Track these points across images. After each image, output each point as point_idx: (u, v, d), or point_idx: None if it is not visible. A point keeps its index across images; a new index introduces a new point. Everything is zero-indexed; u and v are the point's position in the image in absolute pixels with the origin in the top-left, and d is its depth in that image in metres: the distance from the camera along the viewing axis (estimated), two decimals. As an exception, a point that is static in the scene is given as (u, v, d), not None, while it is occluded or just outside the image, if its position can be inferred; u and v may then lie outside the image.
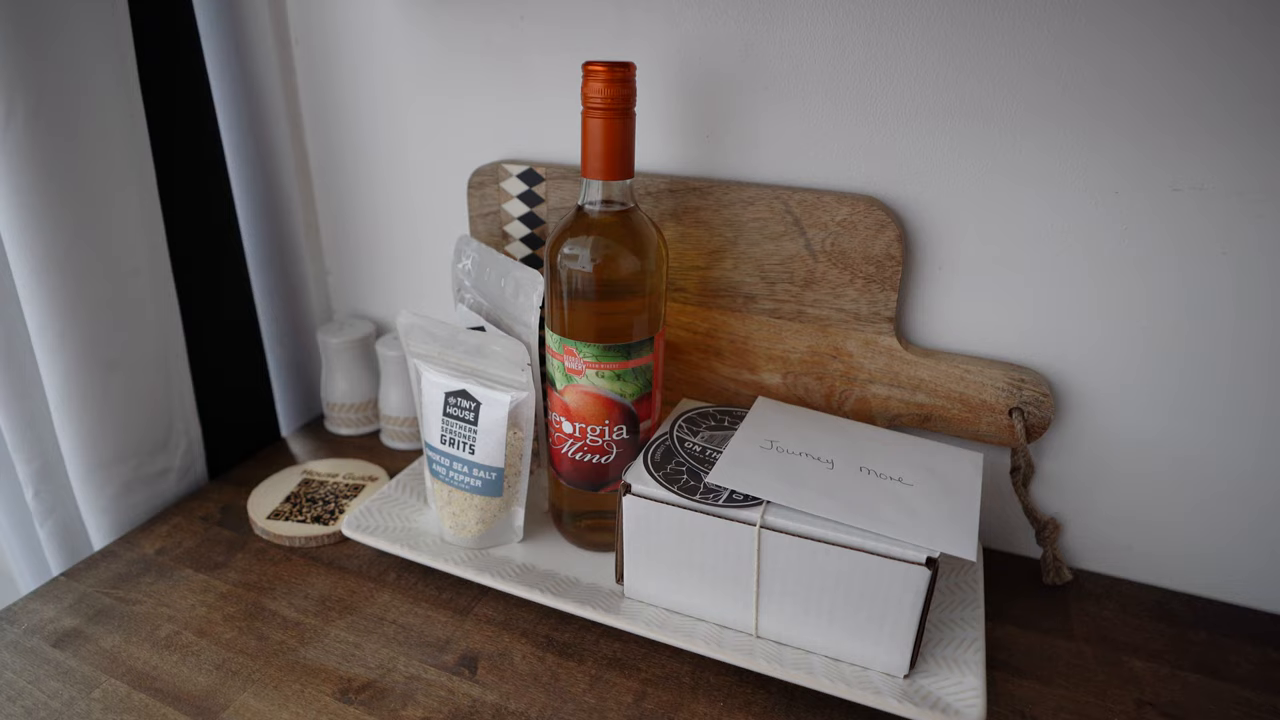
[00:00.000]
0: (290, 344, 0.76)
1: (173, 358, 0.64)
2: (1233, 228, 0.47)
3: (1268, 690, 0.49)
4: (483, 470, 0.55)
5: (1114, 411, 0.53)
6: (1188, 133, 0.46)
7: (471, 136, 0.65)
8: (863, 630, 0.46)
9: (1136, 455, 0.54)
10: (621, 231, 0.49)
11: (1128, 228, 0.49)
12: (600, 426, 0.52)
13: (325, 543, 0.60)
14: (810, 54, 0.52)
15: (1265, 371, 0.49)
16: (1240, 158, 0.45)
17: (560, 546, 0.58)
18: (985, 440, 0.55)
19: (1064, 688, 0.49)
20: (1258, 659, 0.51)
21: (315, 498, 0.64)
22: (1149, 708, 0.47)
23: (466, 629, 0.52)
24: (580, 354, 0.50)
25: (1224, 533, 0.54)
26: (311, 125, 0.71)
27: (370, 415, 0.76)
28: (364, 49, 0.66)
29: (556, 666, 0.49)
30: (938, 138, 0.51)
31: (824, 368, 0.58)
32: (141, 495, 0.63)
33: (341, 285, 0.77)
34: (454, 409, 0.55)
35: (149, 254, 0.60)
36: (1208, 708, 0.47)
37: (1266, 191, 0.46)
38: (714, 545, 0.48)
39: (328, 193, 0.73)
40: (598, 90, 0.46)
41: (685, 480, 0.49)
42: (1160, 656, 0.51)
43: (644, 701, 0.47)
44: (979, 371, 0.54)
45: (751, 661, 0.47)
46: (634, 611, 0.51)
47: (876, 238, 0.53)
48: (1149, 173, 0.48)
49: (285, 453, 0.72)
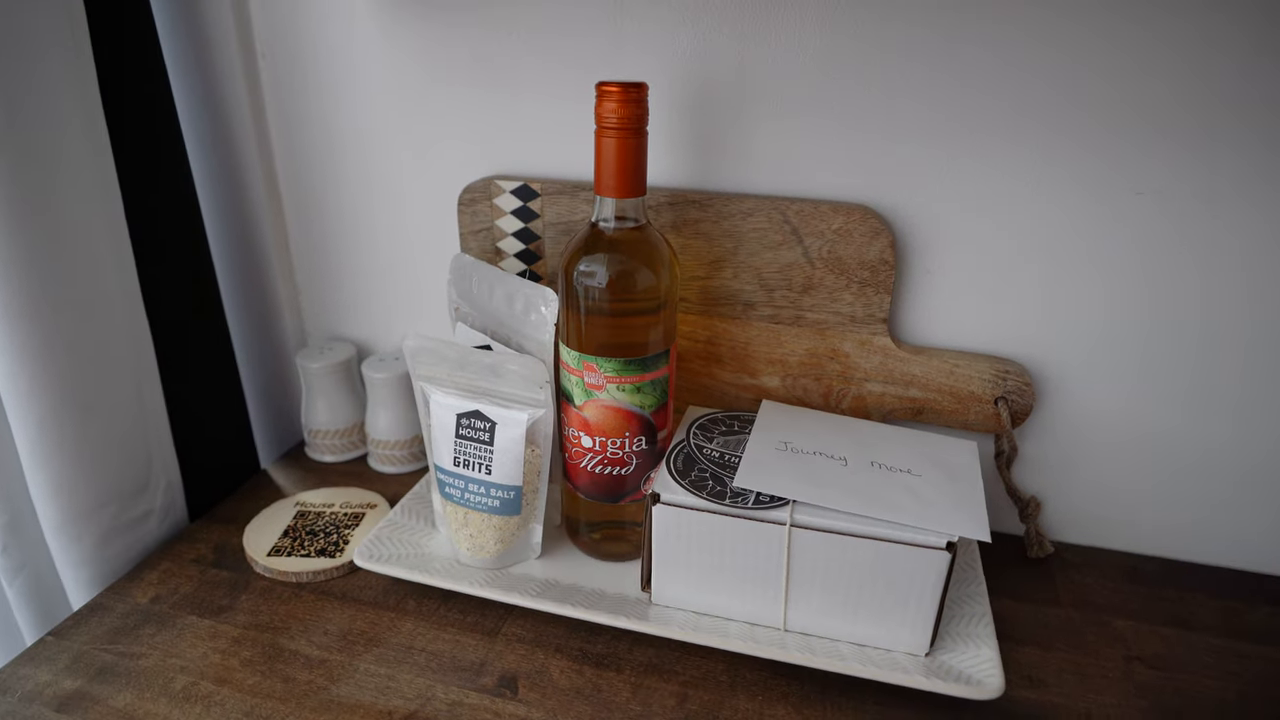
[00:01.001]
0: (265, 371, 0.73)
1: (148, 394, 0.60)
2: (1190, 227, 0.52)
3: (1231, 636, 0.55)
4: (500, 490, 0.55)
5: (1086, 396, 0.58)
6: (1146, 141, 0.51)
7: (458, 153, 0.64)
8: (887, 615, 0.49)
9: (1107, 434, 0.59)
10: (638, 248, 0.50)
11: (1095, 229, 0.54)
12: (620, 439, 0.53)
13: (334, 575, 0.58)
14: (802, 69, 0.55)
15: (1220, 357, 0.55)
16: (1198, 162, 0.51)
17: (576, 559, 0.59)
18: (973, 429, 0.60)
19: (1061, 651, 0.53)
20: (1220, 610, 0.57)
21: (315, 530, 0.62)
22: (1136, 662, 0.52)
23: (499, 650, 0.52)
24: (600, 369, 0.51)
25: (1185, 501, 0.60)
26: (280, 143, 0.68)
27: (355, 440, 0.74)
28: (338, 63, 0.64)
29: (596, 678, 0.50)
30: (924, 150, 0.55)
31: (822, 369, 0.60)
32: (122, 543, 0.59)
33: (316, 308, 0.75)
34: (467, 430, 0.55)
35: (120, 287, 0.57)
36: (1184, 656, 0.53)
37: (1221, 193, 0.51)
38: (744, 546, 0.50)
39: (299, 212, 0.71)
40: (612, 110, 0.47)
41: (711, 486, 0.51)
42: (1138, 615, 0.56)
43: (687, 703, 0.48)
44: (967, 365, 0.58)
45: (786, 654, 0.49)
46: (666, 617, 0.52)
47: (871, 244, 0.56)
48: (1113, 180, 0.52)
49: (268, 485, 0.70)
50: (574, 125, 0.60)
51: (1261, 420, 0.56)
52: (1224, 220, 0.52)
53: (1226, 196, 0.51)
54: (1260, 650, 0.54)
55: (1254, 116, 0.49)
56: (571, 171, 0.61)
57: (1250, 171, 0.50)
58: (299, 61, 0.65)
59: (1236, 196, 0.51)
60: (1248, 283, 0.53)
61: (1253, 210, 0.51)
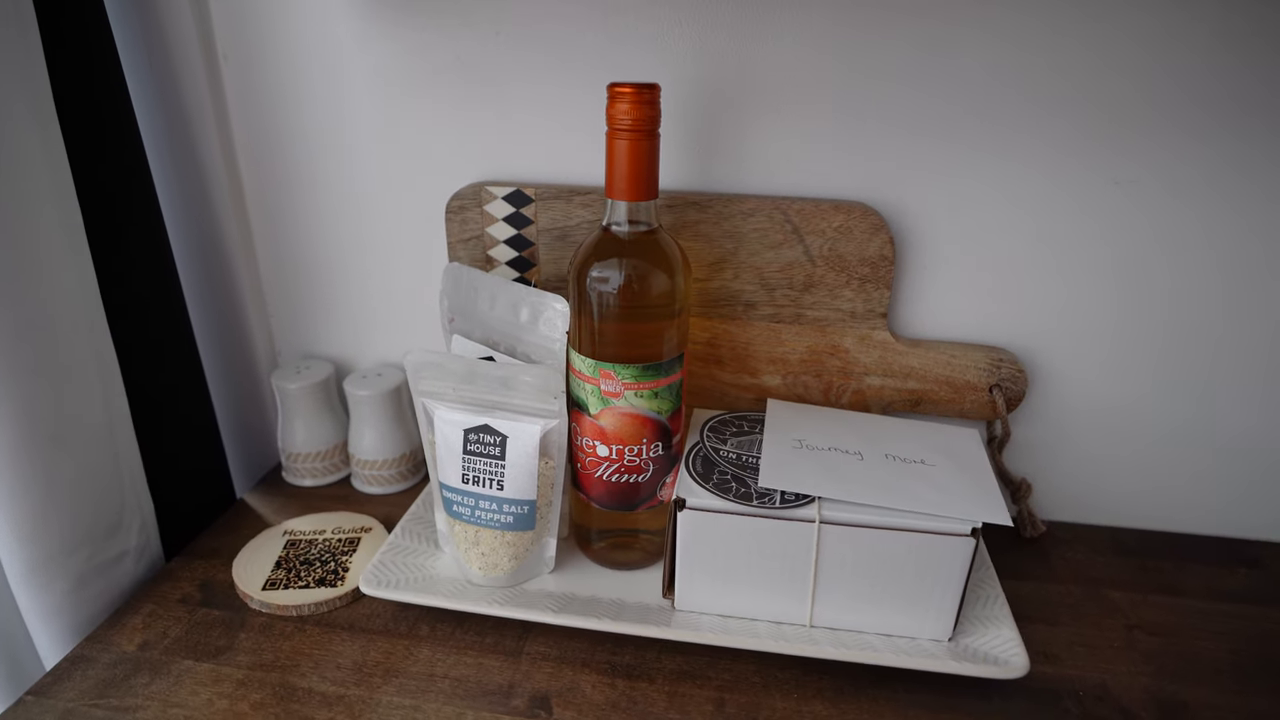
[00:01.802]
0: (236, 394, 0.69)
1: (118, 424, 0.56)
2: (1163, 215, 0.56)
3: (1215, 599, 0.58)
4: (514, 505, 0.53)
5: (1071, 380, 0.61)
6: (1123, 135, 0.54)
7: (441, 159, 0.62)
8: (912, 604, 0.50)
9: (1090, 415, 0.62)
10: (652, 252, 0.50)
11: (1077, 220, 0.56)
12: (638, 446, 0.53)
13: (337, 605, 0.55)
14: (798, 69, 0.55)
15: (1192, 338, 0.59)
16: (1171, 155, 0.54)
17: (588, 569, 0.58)
18: (968, 416, 0.62)
19: (1068, 626, 0.55)
20: (1203, 574, 0.61)
21: (309, 559, 0.59)
22: (1136, 630, 0.55)
23: (525, 670, 0.50)
24: (619, 376, 0.50)
25: (1162, 473, 0.63)
26: (246, 151, 0.65)
27: (337, 462, 0.70)
28: (308, 66, 0.61)
29: (629, 690, 0.49)
30: (918, 147, 0.56)
31: (822, 365, 0.61)
32: (97, 588, 0.55)
33: (287, 325, 0.71)
34: (476, 446, 0.53)
35: (84, 309, 0.53)
36: (1177, 622, 0.56)
37: (1193, 184, 0.54)
38: (773, 546, 0.50)
39: (267, 226, 0.67)
40: (625, 112, 0.46)
41: (735, 488, 0.50)
42: (1130, 585, 0.59)
43: (725, 708, 0.48)
44: (963, 355, 0.60)
45: (820, 650, 0.50)
46: (693, 622, 0.52)
47: (871, 241, 0.57)
48: (1091, 172, 0.55)
49: (247, 515, 0.66)
50: (566, 128, 0.59)
51: (1228, 397, 0.60)
52: (1193, 208, 0.55)
53: (1194, 185, 0.54)
54: (1242, 610, 0.57)
55: (1217, 108, 0.52)
56: (565, 175, 0.60)
57: (1216, 161, 0.54)
58: (265, 64, 0.61)
59: (1204, 186, 0.54)
60: (1217, 265, 0.56)
61: (1219, 199, 0.55)
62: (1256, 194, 0.54)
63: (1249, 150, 0.53)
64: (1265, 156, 0.53)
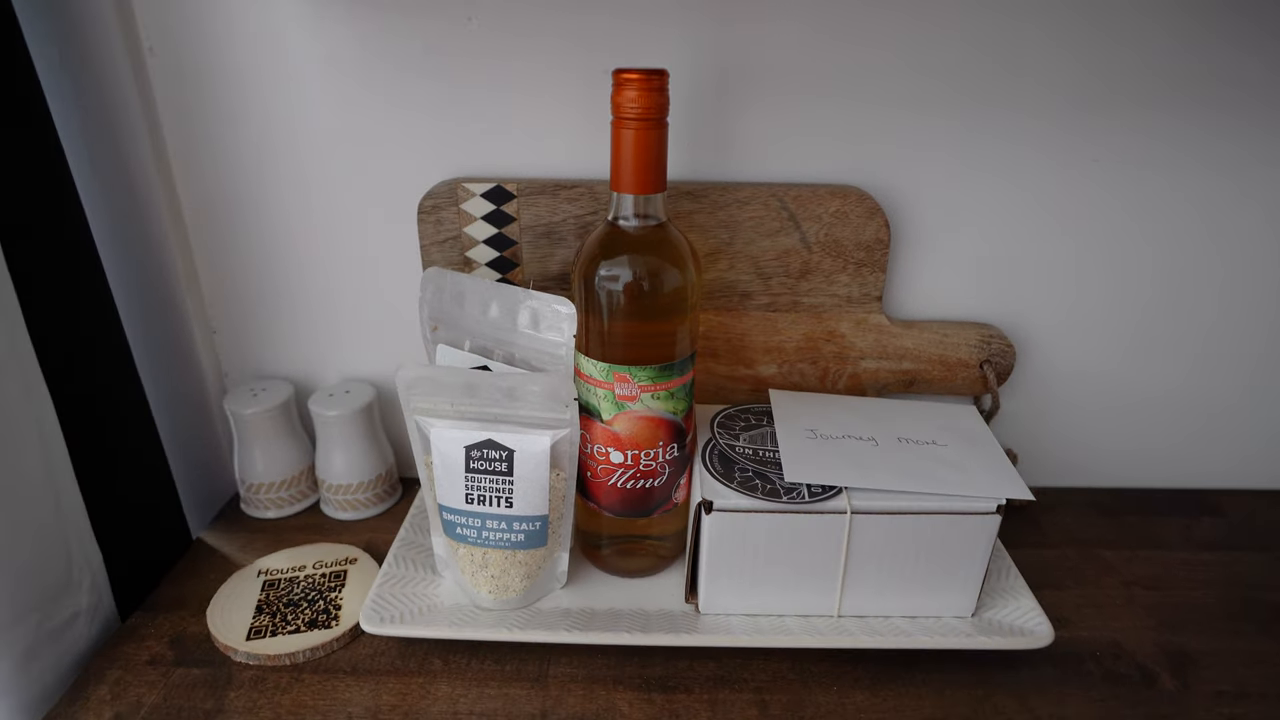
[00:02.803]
0: (184, 425, 0.62)
1: (58, 469, 0.49)
2: (1138, 191, 0.58)
3: (1192, 548, 0.62)
4: (525, 522, 0.50)
5: (1053, 351, 0.63)
6: (1103, 114, 0.55)
7: (407, 157, 0.57)
8: (937, 584, 0.51)
9: (1068, 384, 0.64)
10: (663, 247, 0.47)
11: (1061, 197, 0.58)
12: (654, 449, 0.50)
13: (335, 648, 0.51)
14: (789, 54, 0.54)
15: (1165, 309, 0.62)
16: (1148, 133, 0.56)
17: (599, 580, 0.55)
18: (959, 393, 0.63)
19: (1072, 588, 0.57)
20: (1176, 526, 0.64)
21: (294, 599, 0.53)
22: (1134, 586, 0.58)
23: (555, 695, 0.48)
24: (634, 379, 0.48)
25: (1132, 433, 0.66)
26: (180, 155, 0.58)
27: (304, 489, 0.65)
28: (250, 57, 0.55)
29: (668, 704, 0.47)
30: (907, 131, 0.56)
31: (818, 351, 0.61)
32: (50, 657, 0.48)
33: (235, 345, 0.64)
34: (480, 463, 0.49)
35: (9, 344, 0.46)
36: (1165, 573, 0.59)
37: (1162, 159, 0.57)
38: (803, 540, 0.49)
39: (207, 236, 0.60)
40: (633, 99, 0.44)
41: (760, 485, 0.49)
42: (1117, 544, 0.62)
43: (768, 710, 0.47)
44: (955, 333, 0.60)
45: (855, 640, 0.49)
46: (724, 625, 0.50)
47: (867, 225, 0.56)
48: (1072, 150, 0.56)
49: (209, 556, 0.59)
50: (547, 118, 0.56)
51: (1190, 359, 0.64)
52: (1164, 184, 0.57)
53: (1164, 161, 0.57)
54: (1216, 557, 0.61)
55: (1188, 83, 0.55)
56: (547, 169, 0.57)
57: (1187, 137, 0.56)
58: (198, 57, 0.55)
59: (1172, 161, 0.57)
60: (1186, 237, 0.59)
61: (1188, 174, 0.57)
62: (1222, 168, 0.57)
63: (1215, 126, 0.56)
64: (1229, 132, 0.56)
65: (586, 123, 0.56)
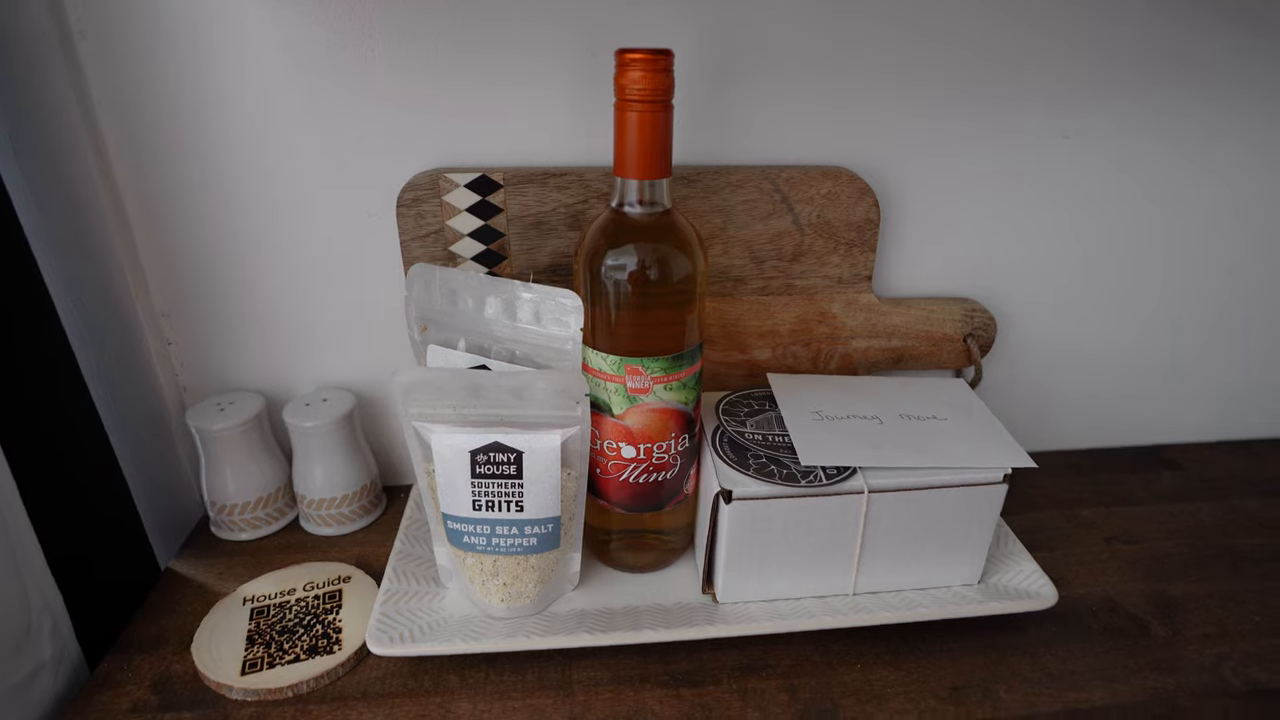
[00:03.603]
0: (142, 446, 0.56)
1: (7, 509, 0.44)
2: (1103, 165, 0.60)
3: (1157, 501, 0.65)
4: (536, 525, 0.48)
5: (1028, 321, 0.65)
6: (1073, 92, 0.57)
7: (379, 148, 0.54)
8: (946, 555, 0.52)
9: (1041, 353, 0.67)
10: (671, 233, 0.46)
11: (1035, 174, 0.60)
12: (666, 441, 0.49)
13: (341, 674, 0.48)
14: (778, 35, 0.53)
15: (1128, 279, 0.65)
16: (1113, 109, 0.58)
17: (609, 578, 0.54)
18: (944, 367, 0.64)
19: (1061, 548, 0.60)
20: (1140, 481, 0.68)
21: (287, 626, 0.50)
22: (1114, 542, 0.61)
23: (582, 701, 0.46)
24: (647, 370, 0.47)
25: (1097, 396, 0.70)
26: (121, 151, 0.52)
27: (281, 507, 0.60)
28: (195, 42, 0.50)
29: (698, 698, 0.47)
30: (891, 113, 0.56)
31: (811, 333, 0.61)
32: (15, 715, 0.43)
33: (192, 356, 0.59)
34: (487, 467, 0.47)
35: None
36: (1138, 527, 0.62)
37: (1125, 136, 0.59)
38: (821, 522, 0.49)
39: (157, 240, 0.55)
40: (637, 80, 0.42)
41: (776, 471, 0.49)
42: (1092, 502, 0.65)
43: (799, 694, 0.47)
44: (940, 309, 0.62)
45: (876, 617, 0.50)
46: (745, 614, 0.50)
47: (857, 205, 0.57)
48: (1044, 128, 0.58)
49: (182, 587, 0.55)
50: (532, 104, 0.53)
51: (1149, 322, 0.67)
52: (1128, 155, 0.60)
53: (1126, 138, 0.59)
54: (1179, 508, 0.65)
55: (1149, 65, 0.57)
56: (534, 157, 0.55)
57: (1145, 113, 0.59)
58: (138, 41, 0.50)
59: (1134, 139, 0.59)
60: (1151, 206, 0.62)
61: (1148, 151, 0.60)
62: (1175, 142, 0.60)
63: (1169, 104, 0.59)
64: (1182, 110, 0.59)
65: (571, 108, 0.54)
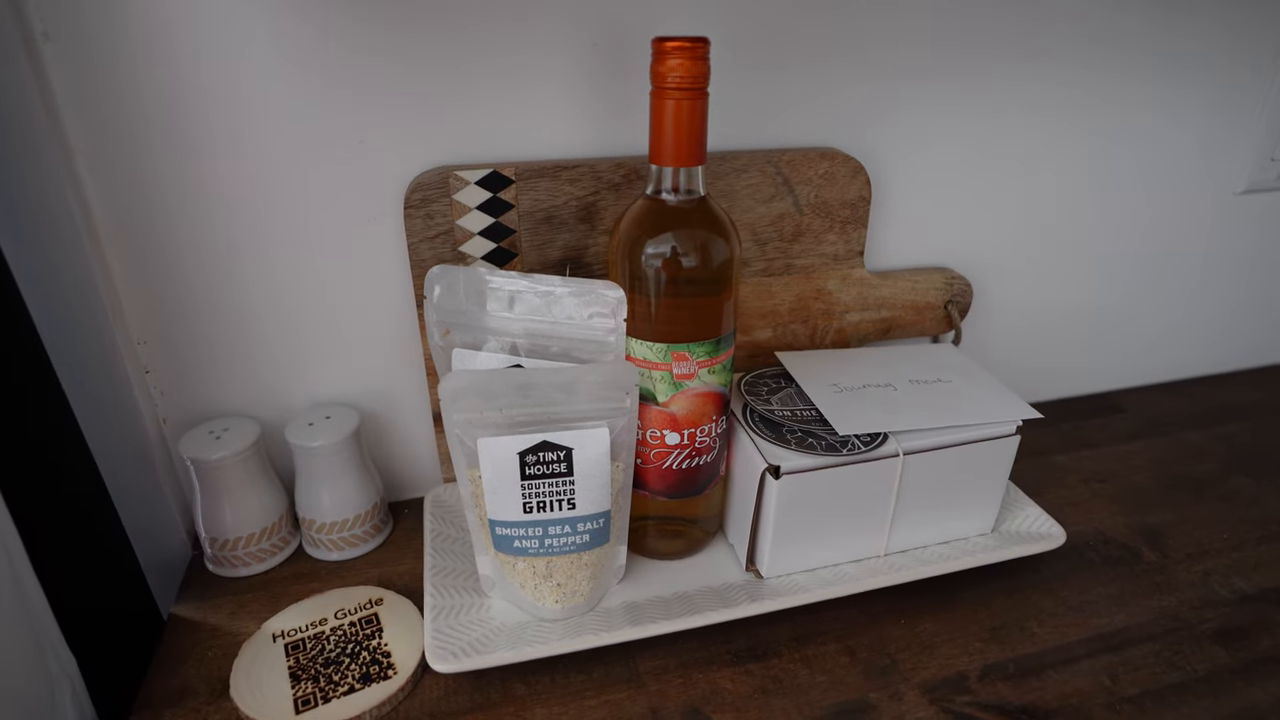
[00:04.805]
0: (131, 484, 0.51)
1: (22, 572, 0.39)
2: (1058, 140, 0.65)
3: (1115, 442, 0.72)
4: (589, 521, 0.48)
5: (997, 287, 0.70)
6: (1033, 66, 0.62)
7: (379, 147, 0.51)
8: (965, 509, 0.55)
9: (1005, 314, 0.72)
10: (710, 220, 0.46)
11: (998, 149, 0.64)
12: (708, 425, 0.50)
13: (400, 699, 0.45)
14: (770, 19, 0.55)
15: (1073, 242, 0.71)
16: (1067, 84, 0.63)
17: (647, 567, 0.54)
18: (928, 333, 0.68)
19: (1049, 493, 0.65)
20: (1096, 426, 0.75)
21: (331, 658, 0.47)
22: (1091, 482, 0.66)
23: (656, 691, 0.46)
24: (693, 355, 0.47)
25: (1054, 350, 0.76)
26: (90, 161, 0.47)
27: (285, 536, 0.57)
28: (173, 41, 0.46)
29: (766, 671, 0.48)
30: (876, 95, 0.59)
31: (808, 310, 0.63)
32: (46, 794, 0.39)
33: (171, 385, 0.54)
34: (536, 468, 0.46)
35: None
36: (1107, 467, 0.68)
37: (1071, 114, 0.64)
38: (861, 489, 0.51)
39: (130, 258, 0.50)
40: (675, 69, 0.42)
41: (815, 444, 0.50)
42: (1062, 449, 0.71)
43: (858, 654, 0.49)
44: (924, 279, 0.65)
45: (915, 573, 0.52)
46: (794, 585, 0.52)
47: (851, 184, 0.59)
48: (1008, 100, 0.63)
49: (192, 634, 0.50)
50: (537, 97, 0.52)
51: (1095, 280, 0.74)
52: (1070, 128, 0.66)
53: (1074, 116, 0.65)
54: (1133, 447, 0.72)
55: (1096, 49, 0.63)
56: (543, 150, 0.54)
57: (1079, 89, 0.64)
58: (108, 43, 0.45)
59: (1080, 117, 0.65)
60: (1086, 181, 0.68)
61: (1092, 128, 0.66)
62: (1111, 113, 0.66)
63: (1102, 83, 0.65)
64: (1117, 82, 0.65)
65: (572, 99, 0.53)
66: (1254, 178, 0.73)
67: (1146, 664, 0.49)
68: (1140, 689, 0.47)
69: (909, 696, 0.46)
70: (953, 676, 0.48)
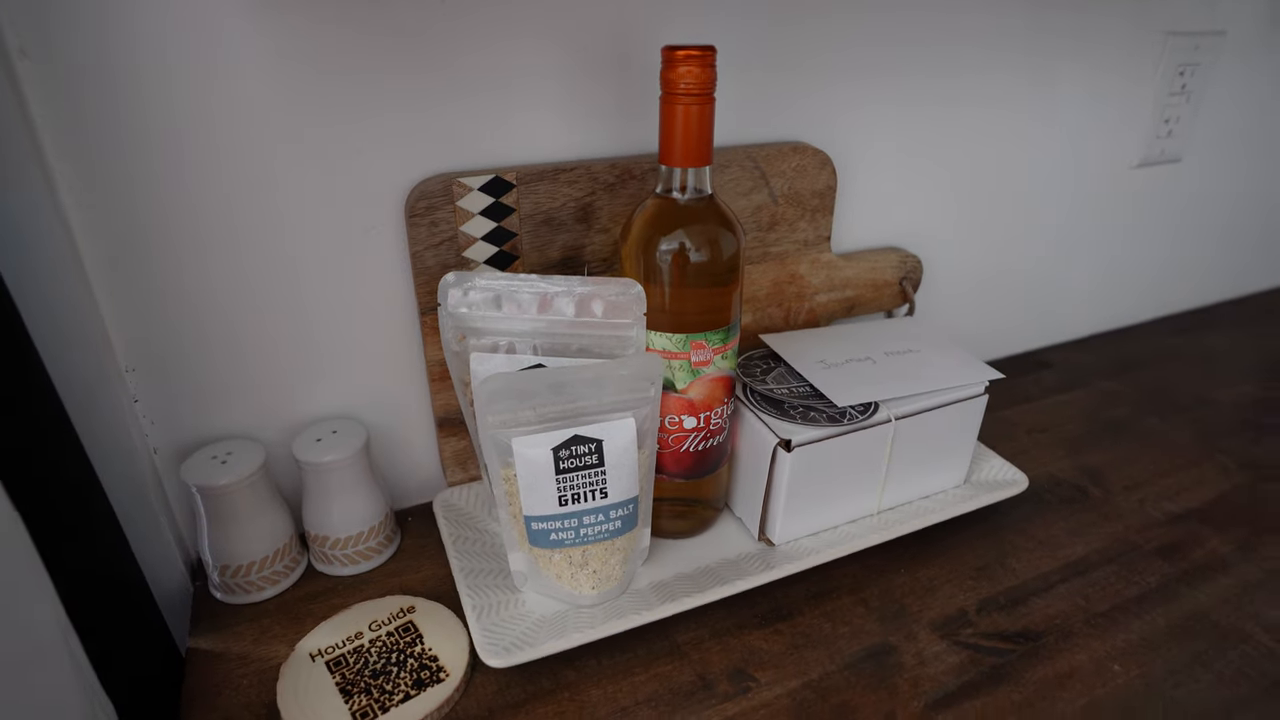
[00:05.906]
0: (134, 518, 0.49)
1: (55, 613, 0.38)
2: (992, 124, 0.72)
3: (1046, 395, 0.81)
4: (620, 509, 0.50)
5: (941, 260, 0.77)
6: (973, 59, 0.68)
7: (375, 157, 0.51)
8: (942, 464, 0.61)
9: (947, 284, 0.79)
10: (719, 217, 0.49)
11: (940, 138, 0.70)
12: (721, 406, 0.53)
13: (456, 700, 0.46)
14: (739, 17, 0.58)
15: (998, 215, 0.78)
16: (1004, 71, 0.70)
17: (661, 548, 0.57)
18: (884, 308, 0.74)
19: (1001, 445, 0.71)
20: (1029, 382, 0.83)
21: (378, 669, 0.47)
22: (1034, 433, 0.74)
23: (700, 659, 0.49)
24: (709, 343, 0.50)
25: (987, 314, 0.84)
26: (71, 183, 0.45)
27: (296, 556, 0.56)
28: (162, 57, 0.44)
29: (794, 628, 0.52)
30: (837, 91, 0.63)
31: (782, 294, 0.67)
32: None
33: (160, 413, 0.52)
34: (570, 462, 0.48)
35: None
36: (1058, 416, 0.77)
37: (1002, 100, 0.71)
38: (859, 454, 0.55)
39: (115, 282, 0.48)
40: (686, 75, 0.45)
41: (817, 416, 0.55)
42: (1004, 404, 0.79)
43: (871, 604, 0.54)
44: (880, 258, 0.71)
45: (907, 526, 0.58)
46: (805, 549, 0.56)
47: (819, 175, 0.63)
48: (952, 94, 0.69)
49: (220, 665, 0.49)
50: (531, 102, 0.53)
51: (1022, 247, 0.82)
52: (1003, 119, 0.73)
53: (1003, 101, 0.72)
54: (1063, 399, 0.80)
55: (1025, 39, 0.70)
56: (537, 154, 0.55)
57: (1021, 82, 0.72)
58: (91, 59, 0.43)
59: (1010, 102, 0.72)
60: (1018, 158, 0.76)
61: (1025, 111, 0.73)
62: (1053, 106, 0.74)
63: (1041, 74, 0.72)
64: (1040, 68, 0.72)
65: (568, 103, 0.55)
66: (1143, 153, 0.83)
67: (1109, 583, 0.56)
68: (1109, 604, 0.54)
69: (922, 635, 0.51)
70: (955, 614, 0.53)
